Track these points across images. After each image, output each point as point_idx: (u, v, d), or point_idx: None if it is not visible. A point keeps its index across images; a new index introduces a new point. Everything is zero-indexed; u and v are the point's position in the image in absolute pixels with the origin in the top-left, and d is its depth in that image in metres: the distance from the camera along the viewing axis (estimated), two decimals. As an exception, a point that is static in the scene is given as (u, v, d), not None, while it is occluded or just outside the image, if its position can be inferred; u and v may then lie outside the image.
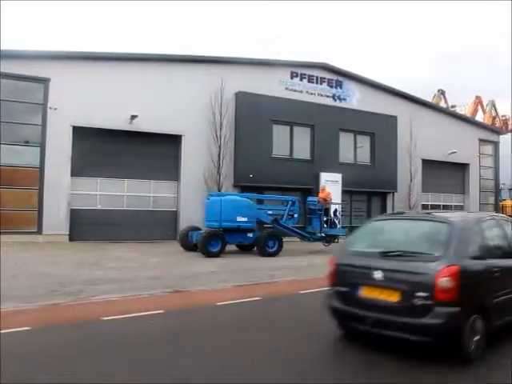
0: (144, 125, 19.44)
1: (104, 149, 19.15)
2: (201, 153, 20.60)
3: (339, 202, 21.40)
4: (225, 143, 20.86)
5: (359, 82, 25.72)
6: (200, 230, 15.98)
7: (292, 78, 23.53)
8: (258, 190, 20.18)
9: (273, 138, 22.13)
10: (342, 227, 19.83)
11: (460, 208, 30.69)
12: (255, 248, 15.75)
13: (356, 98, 25.36)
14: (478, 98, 48.20)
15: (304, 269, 12.25)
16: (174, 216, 20.77)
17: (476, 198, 31.02)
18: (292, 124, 22.83)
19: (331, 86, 24.69)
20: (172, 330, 6.17)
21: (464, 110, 46.08)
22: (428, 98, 38.35)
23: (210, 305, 7.62)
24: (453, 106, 46.19)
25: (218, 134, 20.78)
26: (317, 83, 24.24)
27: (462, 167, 30.67)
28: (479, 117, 46.12)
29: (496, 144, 32.23)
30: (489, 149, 32.13)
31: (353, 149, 24.92)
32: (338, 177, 23.06)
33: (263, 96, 21.59)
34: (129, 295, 8.15)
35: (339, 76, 25.00)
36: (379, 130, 25.24)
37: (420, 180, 27.62)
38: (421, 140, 26.50)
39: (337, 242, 17.47)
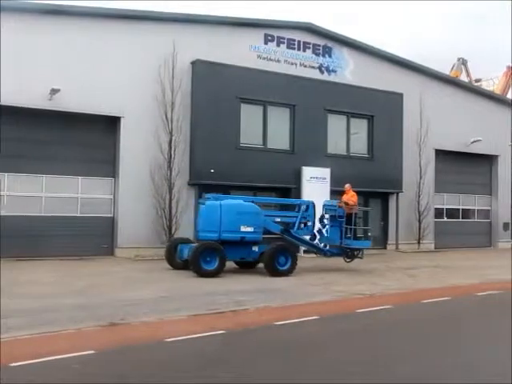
0: (69, 102, 19.37)
1: (11, 134, 18.95)
2: (146, 140, 20.70)
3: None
4: (178, 128, 21.02)
5: (354, 48, 26.22)
6: (192, 242, 16.45)
7: (266, 43, 23.84)
8: (222, 189, 20.33)
9: (241, 121, 22.39)
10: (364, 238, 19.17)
11: (486, 213, 31.47)
12: (259, 264, 16.24)
13: (350, 70, 25.85)
14: (510, 69, 48.43)
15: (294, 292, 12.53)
16: (110, 223, 20.82)
17: (507, 200, 31.67)
18: (266, 103, 23.11)
19: (317, 54, 25.12)
20: (105, 376, 6.31)
21: (492, 84, 47.07)
22: (445, 69, 39.22)
23: (157, 341, 7.84)
24: (477, 80, 47.25)
25: (169, 115, 20.91)
26: (299, 50, 24.62)
27: (489, 160, 31.59)
28: (512, 94, 47.04)
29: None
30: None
31: (345, 136, 25.41)
32: (325, 172, 23.52)
33: (228, 66, 21.83)
34: (47, 331, 8.21)
35: (328, 40, 25.45)
36: (380, 112, 25.80)
37: (433, 177, 28.37)
38: (434, 125, 27.19)
39: (361, 258, 17.90)
